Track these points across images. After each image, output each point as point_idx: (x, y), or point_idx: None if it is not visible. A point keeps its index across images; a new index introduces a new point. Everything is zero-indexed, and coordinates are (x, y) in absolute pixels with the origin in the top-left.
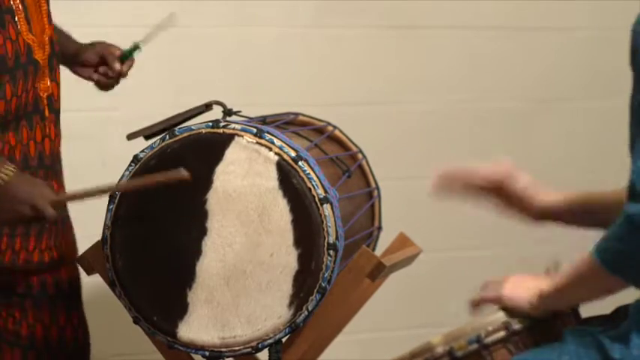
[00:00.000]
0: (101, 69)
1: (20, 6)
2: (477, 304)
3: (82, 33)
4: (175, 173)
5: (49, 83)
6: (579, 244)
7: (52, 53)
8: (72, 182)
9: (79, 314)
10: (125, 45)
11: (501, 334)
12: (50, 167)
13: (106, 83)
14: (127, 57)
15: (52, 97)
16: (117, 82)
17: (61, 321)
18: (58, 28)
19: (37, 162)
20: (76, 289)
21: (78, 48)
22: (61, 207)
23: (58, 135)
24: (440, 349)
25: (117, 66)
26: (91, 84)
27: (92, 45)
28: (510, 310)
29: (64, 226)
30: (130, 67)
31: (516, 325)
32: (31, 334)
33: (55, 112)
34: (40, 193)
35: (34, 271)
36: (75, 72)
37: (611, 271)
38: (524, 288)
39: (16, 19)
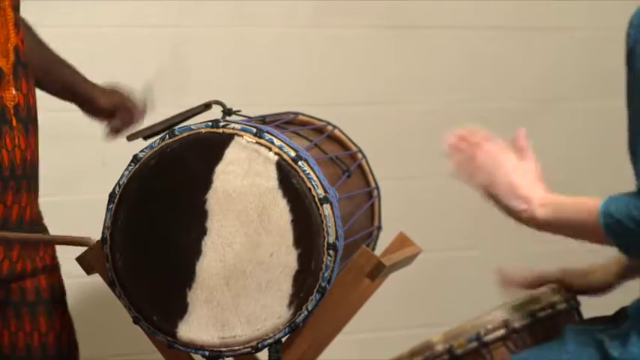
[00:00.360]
0: (118, 124)
1: None
2: (461, 174)
3: (81, 33)
4: (78, 239)
5: (14, 92)
6: (579, 244)
7: (16, 62)
8: (72, 182)
9: (62, 319)
10: (125, 45)
11: (501, 332)
12: (22, 177)
13: (118, 133)
14: (146, 106)
15: (19, 107)
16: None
17: (42, 328)
18: (71, 67)
19: (8, 172)
20: (58, 294)
21: (92, 93)
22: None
23: (30, 146)
24: (439, 348)
25: (140, 117)
26: None
27: (107, 92)
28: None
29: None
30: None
31: (516, 324)
32: (14, 343)
33: (24, 121)
34: None
35: (10, 280)
36: (86, 113)
37: (610, 237)
38: (515, 194)
39: None
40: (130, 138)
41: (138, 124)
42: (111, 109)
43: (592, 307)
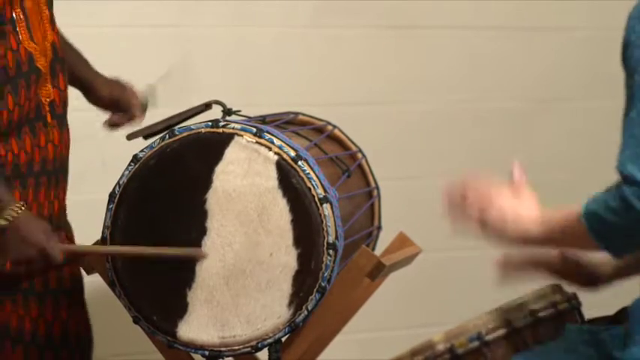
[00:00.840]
0: (113, 118)
1: (22, 15)
2: (455, 216)
3: (81, 33)
4: (192, 251)
5: (50, 89)
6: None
7: (54, 59)
8: (72, 182)
9: (81, 311)
10: (125, 45)
11: (502, 331)
12: (53, 173)
13: (116, 127)
14: (145, 104)
15: (54, 103)
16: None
17: (64, 317)
18: (77, 52)
19: (40, 168)
20: (79, 286)
21: (93, 81)
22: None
23: (62, 141)
24: (441, 347)
25: (139, 115)
26: None
27: (109, 83)
28: (503, 309)
29: (62, 230)
30: (142, 119)
31: (517, 323)
32: (34, 330)
33: (58, 117)
34: (44, 236)
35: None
36: (87, 100)
37: (594, 237)
38: (506, 219)
39: (18, 28)
40: (130, 137)
41: (136, 123)
42: (110, 100)
43: (593, 307)
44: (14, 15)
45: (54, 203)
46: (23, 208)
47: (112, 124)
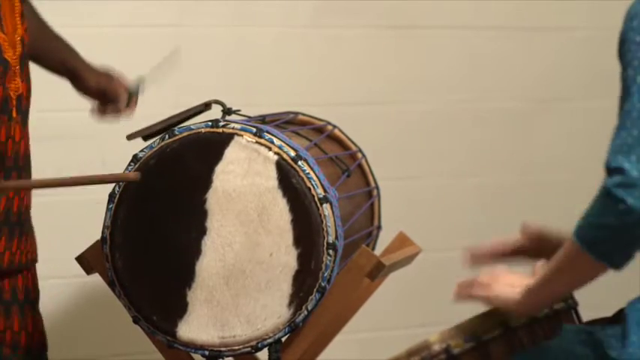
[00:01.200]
0: (102, 107)
1: None
2: (463, 298)
3: (81, 33)
4: (122, 175)
5: (20, 84)
6: None
7: (23, 53)
8: None
9: (34, 320)
10: (125, 45)
11: (498, 331)
12: (12, 169)
13: (104, 117)
14: (133, 95)
15: (22, 98)
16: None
17: (15, 327)
18: (63, 40)
19: None
20: (33, 296)
21: (81, 70)
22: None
23: (23, 137)
24: (437, 347)
25: (123, 107)
26: None
27: (97, 73)
28: (498, 312)
29: (22, 231)
30: (135, 105)
31: (513, 323)
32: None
33: (23, 113)
34: None
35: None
36: (76, 90)
37: (586, 248)
38: (511, 285)
39: None
40: (130, 137)
41: (124, 113)
42: (97, 90)
43: (592, 307)
44: None
45: (13, 200)
46: None
47: (99, 111)
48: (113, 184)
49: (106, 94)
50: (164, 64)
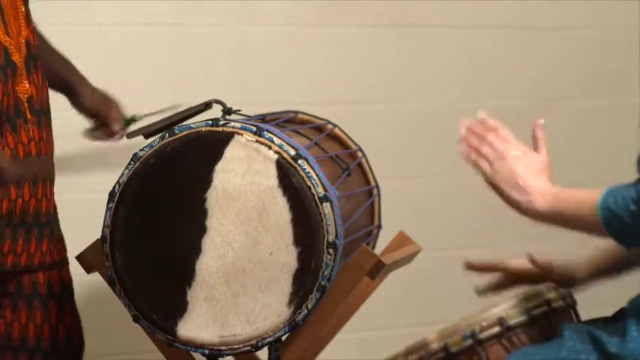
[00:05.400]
0: (95, 134)
1: None
2: (469, 159)
3: (81, 32)
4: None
5: (27, 85)
6: (579, 243)
7: (28, 55)
8: (72, 181)
9: (72, 314)
10: (125, 44)
11: (496, 329)
12: (39, 170)
13: (92, 138)
14: (125, 125)
15: (32, 99)
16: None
17: (53, 320)
18: (61, 57)
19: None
20: (69, 290)
21: (78, 88)
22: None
23: (43, 138)
24: (435, 346)
25: (115, 132)
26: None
27: (95, 94)
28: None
29: (54, 228)
30: (121, 138)
31: (511, 321)
32: (23, 335)
33: (38, 114)
34: None
35: (24, 271)
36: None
37: (608, 232)
38: (518, 189)
39: None
40: (130, 136)
41: (115, 139)
42: (90, 111)
43: (591, 307)
44: None
45: (42, 201)
46: None
47: (88, 134)
48: (114, 183)
49: (99, 117)
50: (162, 112)
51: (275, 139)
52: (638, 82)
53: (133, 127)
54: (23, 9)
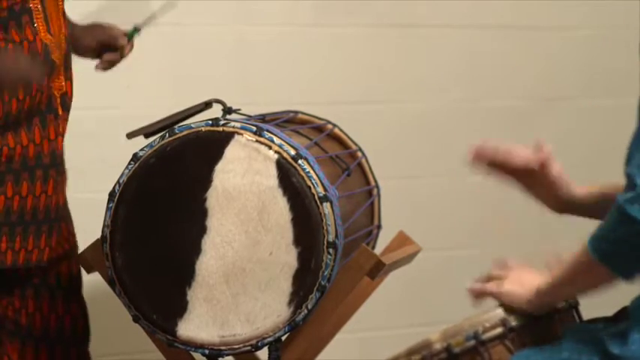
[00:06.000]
0: (106, 57)
1: (39, 6)
2: (477, 296)
3: None
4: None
5: (63, 82)
6: (578, 242)
7: (67, 51)
8: (72, 180)
9: (78, 305)
10: None
11: (498, 330)
12: (60, 165)
13: (111, 66)
14: (129, 39)
15: (66, 96)
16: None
17: (60, 311)
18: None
19: (49, 160)
20: (76, 282)
21: (75, 33)
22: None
23: (64, 133)
24: (437, 346)
25: (124, 44)
26: (91, 82)
27: (89, 29)
28: (509, 307)
29: (63, 223)
30: (130, 51)
31: (514, 322)
32: (30, 323)
33: (68, 110)
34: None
35: (36, 267)
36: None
37: (599, 259)
38: (522, 284)
39: (35, 20)
40: (130, 136)
41: (126, 55)
42: (97, 44)
43: (592, 307)
44: (31, 6)
45: (59, 196)
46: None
47: (106, 63)
48: (114, 183)
49: (107, 44)
50: (159, 13)
51: (275, 139)
52: (638, 82)
53: (136, 36)
54: (62, 6)
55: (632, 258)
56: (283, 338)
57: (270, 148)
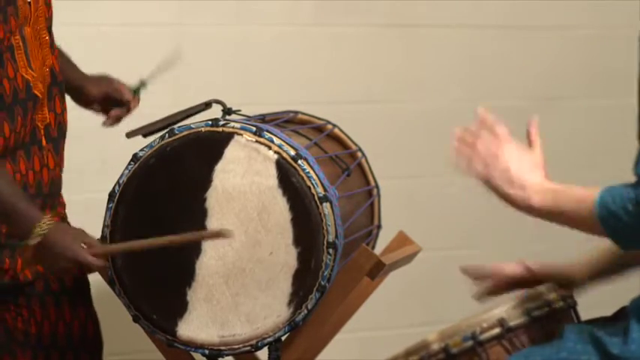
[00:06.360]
0: (113, 112)
1: (20, 43)
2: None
3: (81, 32)
4: (215, 232)
5: (47, 113)
6: (578, 242)
7: (52, 83)
8: (72, 180)
9: (86, 309)
10: (125, 44)
11: (496, 330)
12: (48, 195)
13: (117, 121)
14: (135, 94)
15: (50, 127)
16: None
17: (67, 317)
18: (65, 57)
19: (35, 191)
20: (83, 287)
21: (81, 82)
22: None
23: (57, 164)
24: (435, 347)
25: (131, 104)
26: None
27: (96, 79)
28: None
29: None
30: (136, 105)
31: (511, 322)
32: (39, 332)
33: (54, 140)
34: (78, 247)
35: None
36: (77, 103)
37: (609, 233)
38: (511, 183)
39: (16, 56)
40: (130, 136)
41: (132, 110)
42: (102, 97)
43: (591, 307)
44: (13, 42)
45: (53, 212)
46: (52, 220)
47: (113, 119)
48: (114, 183)
49: (112, 98)
50: (164, 65)
51: (275, 139)
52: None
53: (142, 94)
54: (47, 37)
55: (635, 236)
56: (283, 338)
57: (269, 148)
